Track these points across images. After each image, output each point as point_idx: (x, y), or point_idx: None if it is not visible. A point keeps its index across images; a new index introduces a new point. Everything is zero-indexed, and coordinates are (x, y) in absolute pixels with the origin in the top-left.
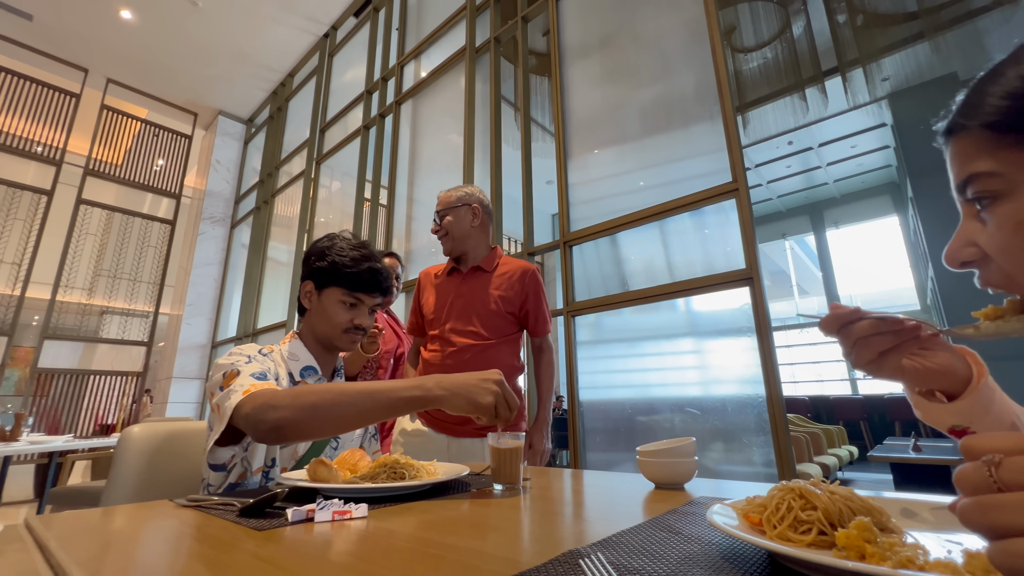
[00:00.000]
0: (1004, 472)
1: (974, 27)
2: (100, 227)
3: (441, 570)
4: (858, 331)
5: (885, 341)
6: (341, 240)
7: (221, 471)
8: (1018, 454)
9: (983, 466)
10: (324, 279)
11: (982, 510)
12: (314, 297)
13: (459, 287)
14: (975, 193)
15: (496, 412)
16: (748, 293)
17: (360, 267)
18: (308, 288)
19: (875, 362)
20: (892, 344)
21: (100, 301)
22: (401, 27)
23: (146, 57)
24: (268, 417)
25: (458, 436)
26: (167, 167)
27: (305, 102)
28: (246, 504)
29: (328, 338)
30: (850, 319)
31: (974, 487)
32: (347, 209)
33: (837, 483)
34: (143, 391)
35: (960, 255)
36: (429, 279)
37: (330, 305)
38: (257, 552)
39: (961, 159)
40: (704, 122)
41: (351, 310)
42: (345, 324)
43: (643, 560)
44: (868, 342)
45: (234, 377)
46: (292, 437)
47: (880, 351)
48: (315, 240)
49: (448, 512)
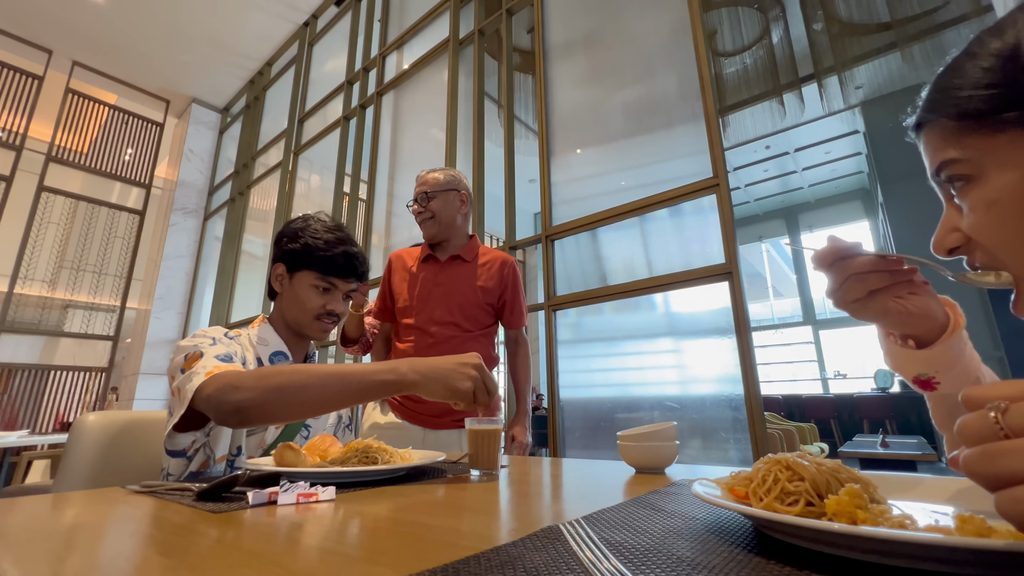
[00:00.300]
0: (1011, 418)
1: (941, 40)
2: (64, 216)
3: (411, 547)
4: (856, 266)
5: (879, 280)
6: (316, 222)
7: (181, 457)
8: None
9: (988, 413)
10: (296, 262)
11: (989, 458)
12: (285, 280)
13: (437, 276)
14: (948, 178)
15: (474, 397)
16: (727, 288)
17: (334, 250)
18: (279, 271)
19: (862, 300)
20: (885, 283)
21: (63, 294)
22: (384, 17)
23: (116, 40)
24: (230, 398)
25: (434, 428)
26: (137, 155)
27: (283, 92)
28: (203, 488)
29: (298, 324)
30: (848, 253)
31: (979, 436)
32: (325, 203)
33: (823, 456)
34: (108, 387)
35: (945, 242)
36: (402, 263)
37: (302, 289)
38: (213, 534)
39: (931, 149)
40: (687, 123)
41: (324, 295)
42: (317, 310)
43: (626, 534)
44: (863, 278)
45: (197, 359)
46: (255, 420)
47: (871, 289)
48: (289, 220)
49: (423, 495)
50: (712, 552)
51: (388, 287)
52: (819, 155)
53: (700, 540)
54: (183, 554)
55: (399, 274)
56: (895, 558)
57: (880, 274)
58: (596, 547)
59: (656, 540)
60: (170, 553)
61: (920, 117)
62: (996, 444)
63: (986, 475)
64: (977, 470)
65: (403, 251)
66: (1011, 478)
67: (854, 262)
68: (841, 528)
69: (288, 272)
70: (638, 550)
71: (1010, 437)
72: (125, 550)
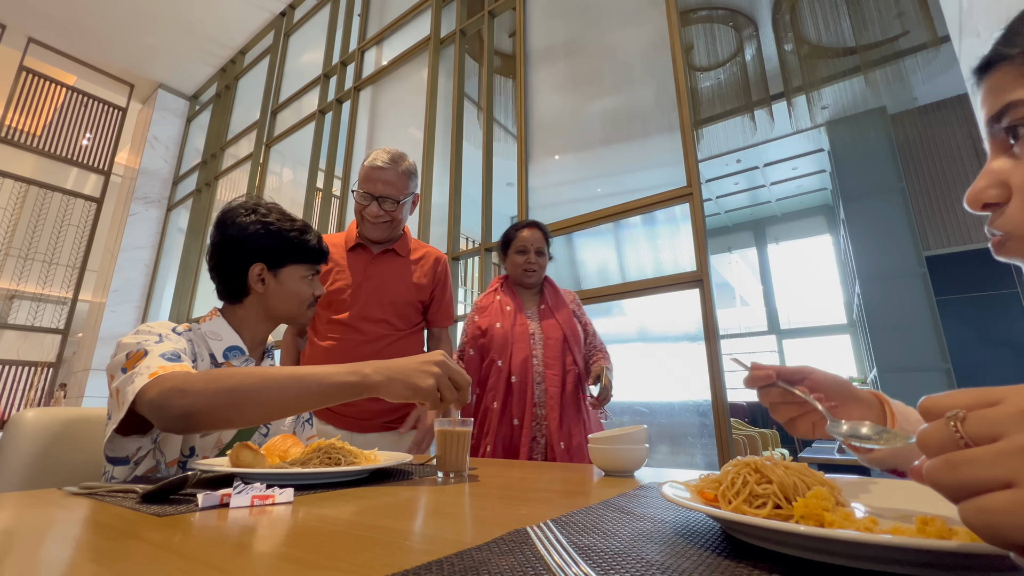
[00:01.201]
0: (969, 426)
1: (901, 66)
2: (12, 201)
3: (369, 552)
4: (770, 397)
5: (791, 410)
6: (269, 214)
7: (124, 464)
8: (980, 407)
9: (947, 423)
10: (279, 258)
11: (951, 467)
12: (268, 278)
13: (368, 268)
14: (1011, 122)
15: (440, 395)
16: (698, 295)
17: (311, 239)
18: (258, 271)
19: (787, 423)
20: (797, 413)
21: (8, 284)
22: (363, 12)
23: (77, 17)
24: (175, 403)
25: (361, 431)
26: (96, 140)
27: (256, 82)
28: (148, 490)
29: (292, 317)
30: (765, 383)
31: (940, 446)
32: (297, 198)
33: (790, 459)
34: (56, 383)
35: (984, 195)
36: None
37: (293, 283)
38: (155, 539)
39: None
40: (663, 133)
41: (311, 283)
42: (309, 299)
43: (594, 537)
44: (776, 408)
45: (140, 358)
46: (204, 426)
47: (789, 417)
48: (227, 216)
49: (386, 498)
50: (681, 555)
51: None
52: (786, 171)
53: (669, 543)
54: (119, 560)
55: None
56: (862, 560)
57: (790, 405)
58: (564, 551)
59: (625, 543)
60: (104, 560)
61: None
62: (958, 454)
63: (949, 485)
64: (940, 480)
65: (330, 237)
66: (975, 487)
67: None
68: (808, 530)
69: (270, 270)
70: (607, 553)
71: (970, 446)
72: (55, 557)
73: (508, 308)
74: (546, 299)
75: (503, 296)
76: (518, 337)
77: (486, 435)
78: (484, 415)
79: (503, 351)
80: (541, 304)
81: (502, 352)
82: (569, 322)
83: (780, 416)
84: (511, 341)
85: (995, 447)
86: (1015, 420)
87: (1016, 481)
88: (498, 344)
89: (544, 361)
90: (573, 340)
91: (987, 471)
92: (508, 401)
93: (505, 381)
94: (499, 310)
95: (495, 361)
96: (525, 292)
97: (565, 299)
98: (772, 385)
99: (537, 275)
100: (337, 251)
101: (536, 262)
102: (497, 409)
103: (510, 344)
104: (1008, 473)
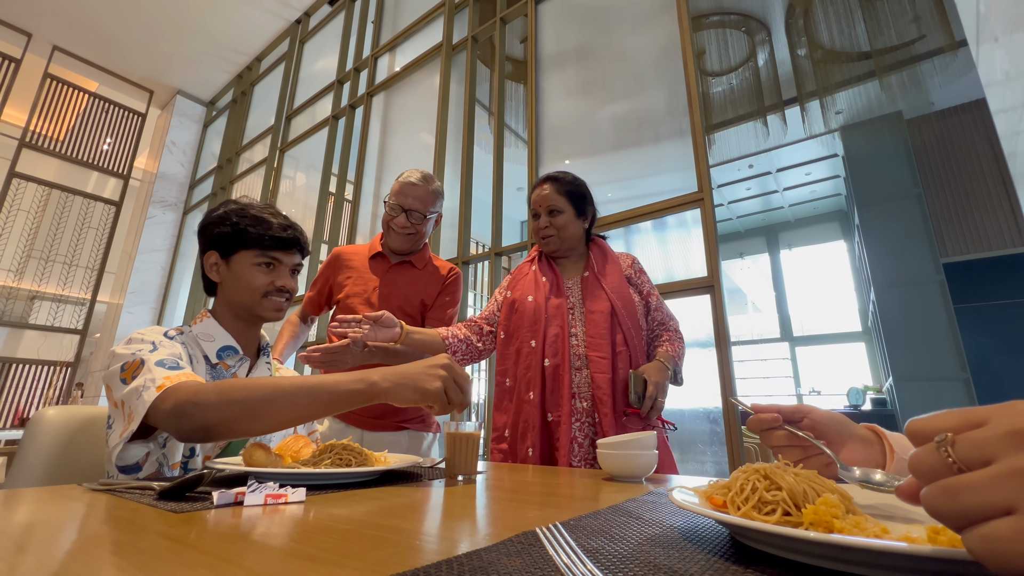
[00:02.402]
0: (960, 451)
1: (918, 71)
2: (35, 204)
3: (380, 550)
4: (775, 440)
5: (796, 453)
6: (239, 203)
7: (135, 472)
8: (967, 429)
9: (937, 448)
10: (230, 244)
11: (949, 495)
12: (222, 267)
13: (384, 276)
14: None
15: (447, 397)
16: (709, 301)
17: (269, 223)
18: (213, 259)
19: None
20: (803, 456)
21: (29, 285)
22: (377, 19)
23: (100, 26)
24: (194, 415)
25: (372, 429)
26: (116, 145)
27: (271, 88)
28: (165, 487)
29: (249, 308)
30: (771, 426)
31: (933, 472)
32: (310, 202)
33: (800, 465)
34: (73, 383)
35: None
36: (348, 261)
37: (244, 271)
38: (173, 535)
39: None
40: (674, 139)
41: (269, 272)
42: (264, 287)
43: (603, 541)
44: (781, 451)
45: (137, 367)
46: (220, 437)
47: (795, 460)
48: (209, 210)
49: (396, 499)
50: (689, 560)
51: (326, 282)
52: (800, 176)
53: (677, 548)
54: (140, 554)
55: (343, 272)
56: (871, 568)
57: (794, 448)
58: (573, 552)
59: (633, 547)
60: (124, 553)
61: None
62: (955, 480)
63: (949, 514)
64: (940, 509)
65: (348, 249)
66: (976, 515)
67: (772, 436)
68: (817, 536)
69: (223, 258)
70: (616, 557)
71: (963, 470)
72: (78, 550)
73: (543, 279)
74: (591, 264)
75: (539, 266)
76: (553, 312)
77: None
78: (519, 408)
79: (534, 329)
80: (585, 271)
81: (534, 330)
82: (620, 291)
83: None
84: (544, 316)
85: (990, 472)
86: (1005, 442)
87: (1016, 507)
88: (529, 320)
89: (586, 341)
90: (626, 313)
91: (985, 497)
92: (544, 391)
93: (539, 366)
94: (533, 282)
95: (527, 341)
96: (564, 261)
97: (619, 263)
98: (777, 428)
99: (556, 241)
100: (359, 259)
101: (551, 224)
102: (534, 400)
103: (543, 319)
104: (1007, 498)
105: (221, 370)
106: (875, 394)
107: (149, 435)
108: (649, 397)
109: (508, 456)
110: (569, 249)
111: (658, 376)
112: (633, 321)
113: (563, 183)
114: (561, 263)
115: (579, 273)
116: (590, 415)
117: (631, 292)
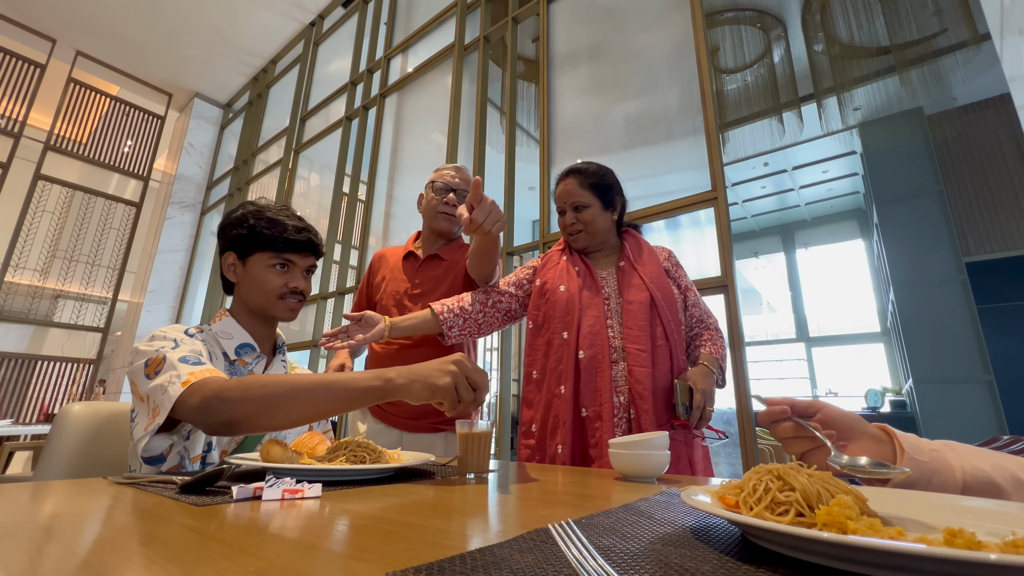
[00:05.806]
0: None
1: (939, 65)
2: (59, 206)
3: (396, 545)
4: (781, 432)
5: (804, 444)
6: (256, 206)
7: (160, 462)
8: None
9: None
10: (247, 246)
11: None
12: (239, 268)
13: (414, 276)
14: None
15: (458, 394)
16: (723, 301)
17: (285, 226)
18: (230, 260)
19: (801, 457)
20: (810, 447)
21: (54, 284)
22: (390, 20)
23: (121, 31)
24: (220, 410)
25: (412, 431)
26: (136, 147)
27: (286, 90)
28: (186, 481)
29: (264, 308)
30: (780, 418)
31: None
32: (324, 202)
33: (814, 468)
34: (96, 380)
35: None
36: (385, 263)
37: (259, 272)
38: (195, 526)
39: None
40: (687, 137)
41: (284, 273)
42: (279, 289)
43: (614, 539)
44: (790, 442)
45: (160, 363)
46: (244, 431)
47: (802, 450)
48: (229, 212)
49: (410, 496)
50: (701, 559)
51: (369, 286)
52: (816, 174)
53: (689, 547)
54: (163, 544)
55: (379, 274)
56: (885, 570)
57: (802, 440)
58: (585, 549)
59: (645, 545)
60: (150, 543)
61: None
62: None
63: None
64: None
65: (386, 250)
66: None
67: (779, 428)
68: (830, 537)
69: (240, 259)
70: (627, 554)
71: None
72: (105, 539)
73: (577, 268)
74: (627, 254)
75: (569, 257)
76: (588, 301)
77: (556, 429)
78: (549, 403)
79: (567, 319)
80: (620, 261)
81: (566, 320)
82: (660, 281)
83: (793, 450)
84: (579, 307)
85: None
86: None
87: None
88: (561, 310)
89: (624, 333)
90: (666, 305)
91: None
92: (577, 385)
93: (572, 358)
94: (565, 272)
95: (559, 332)
96: (596, 255)
97: (655, 254)
98: (786, 419)
99: (585, 237)
100: (394, 260)
101: (578, 220)
102: (566, 395)
103: (577, 309)
104: None
105: (239, 367)
106: (894, 396)
107: (173, 428)
108: (697, 407)
109: (535, 452)
110: (600, 243)
111: (704, 383)
112: (673, 314)
113: (587, 175)
114: (592, 256)
115: (613, 264)
116: (626, 411)
117: (671, 284)
